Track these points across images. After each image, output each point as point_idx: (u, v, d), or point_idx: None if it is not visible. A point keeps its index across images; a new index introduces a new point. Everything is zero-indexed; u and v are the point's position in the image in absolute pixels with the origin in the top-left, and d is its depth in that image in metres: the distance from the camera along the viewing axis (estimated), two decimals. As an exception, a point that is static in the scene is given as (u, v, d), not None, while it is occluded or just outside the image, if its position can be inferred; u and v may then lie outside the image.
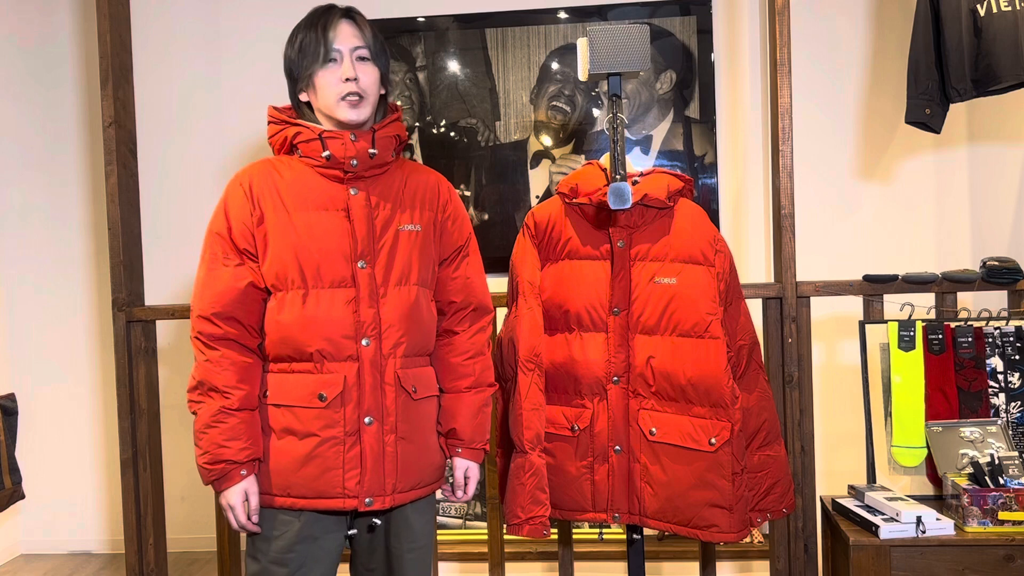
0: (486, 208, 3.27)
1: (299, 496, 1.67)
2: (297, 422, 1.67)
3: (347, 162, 1.70)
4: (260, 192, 1.71)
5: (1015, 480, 2.04)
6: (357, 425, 1.67)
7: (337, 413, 1.66)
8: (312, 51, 1.70)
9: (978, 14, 2.51)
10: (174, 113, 3.40)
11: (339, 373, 1.67)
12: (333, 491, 1.67)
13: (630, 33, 1.86)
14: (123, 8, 2.55)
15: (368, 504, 1.68)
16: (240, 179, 1.74)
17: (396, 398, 1.70)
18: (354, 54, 1.71)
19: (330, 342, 1.67)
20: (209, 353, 1.67)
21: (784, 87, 2.37)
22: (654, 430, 1.93)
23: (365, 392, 1.68)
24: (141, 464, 2.51)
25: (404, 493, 1.72)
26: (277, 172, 1.73)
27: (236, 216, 1.71)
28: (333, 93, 1.70)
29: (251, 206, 1.70)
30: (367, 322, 1.68)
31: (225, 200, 1.73)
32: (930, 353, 2.24)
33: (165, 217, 3.36)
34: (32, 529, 3.56)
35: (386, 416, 1.69)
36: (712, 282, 1.95)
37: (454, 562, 3.19)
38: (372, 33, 1.75)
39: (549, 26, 3.23)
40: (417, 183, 1.80)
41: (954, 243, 3.13)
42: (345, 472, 1.67)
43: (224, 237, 1.70)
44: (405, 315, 1.72)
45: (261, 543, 1.71)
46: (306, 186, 1.72)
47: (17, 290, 3.52)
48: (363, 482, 1.67)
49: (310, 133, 1.71)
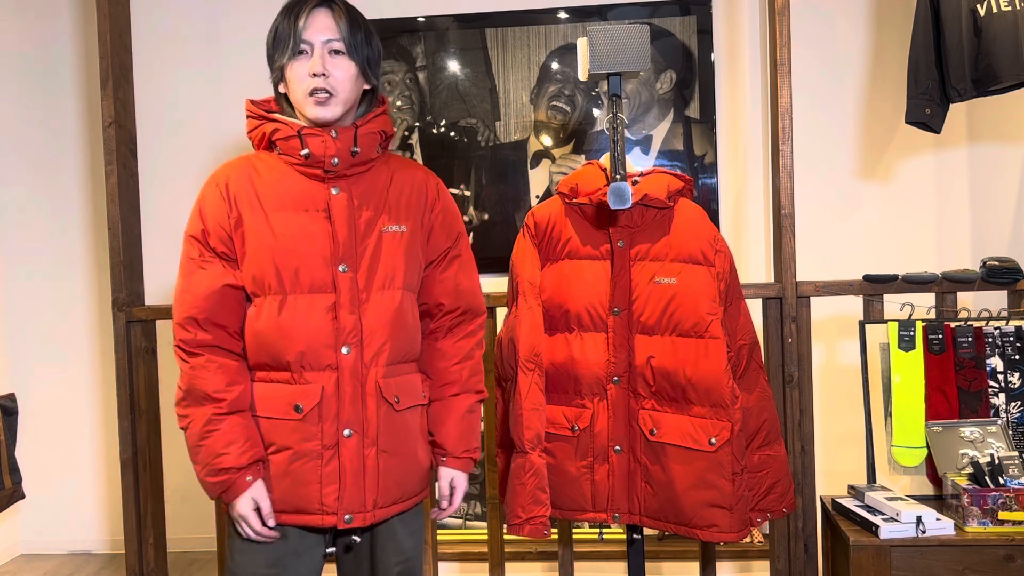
0: (486, 208, 3.26)
1: (280, 510, 1.60)
2: (275, 434, 1.59)
3: (327, 161, 1.60)
4: (237, 192, 1.62)
5: (1015, 480, 2.04)
6: (335, 438, 1.58)
7: (314, 426, 1.58)
8: (283, 41, 1.61)
9: (978, 14, 2.51)
10: (174, 113, 3.40)
11: (317, 383, 1.58)
12: (311, 507, 1.59)
13: (630, 33, 1.86)
14: (123, 8, 2.56)
15: (348, 521, 1.59)
16: (216, 179, 1.66)
17: (377, 409, 1.61)
18: (326, 47, 1.59)
19: (308, 350, 1.58)
20: (192, 360, 1.60)
21: (784, 87, 2.37)
22: (654, 430, 1.93)
23: (344, 403, 1.59)
24: (141, 464, 2.51)
25: (386, 508, 1.64)
26: (255, 170, 1.64)
27: (212, 218, 1.62)
28: (301, 88, 1.60)
29: (227, 207, 1.62)
30: (347, 329, 1.59)
31: (200, 201, 1.65)
32: (930, 353, 2.24)
33: (165, 217, 3.35)
34: (32, 529, 3.56)
35: (367, 428, 1.60)
36: (712, 282, 1.95)
37: (454, 562, 3.19)
38: (351, 24, 1.62)
39: (549, 26, 3.23)
40: (404, 181, 1.70)
41: (954, 243, 3.13)
42: (323, 488, 1.58)
43: (200, 240, 1.63)
44: (389, 321, 1.63)
45: (240, 556, 1.63)
46: (284, 185, 1.62)
47: (17, 290, 3.52)
48: (342, 498, 1.59)
49: (288, 130, 1.61)
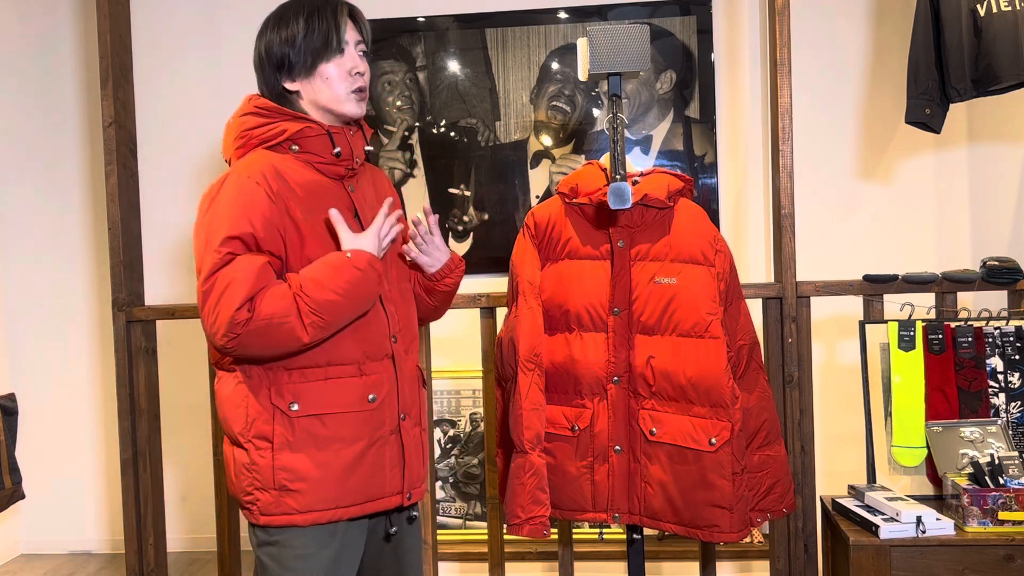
0: (486, 208, 3.26)
1: (348, 504, 1.62)
2: (344, 427, 1.61)
3: (354, 159, 1.68)
4: (280, 190, 1.58)
5: (1015, 480, 2.04)
6: (397, 422, 1.68)
7: (383, 413, 1.66)
8: (321, 39, 1.61)
9: (978, 14, 2.51)
10: (174, 113, 3.40)
11: (380, 373, 1.66)
12: (384, 491, 1.67)
13: (630, 33, 1.86)
14: (123, 8, 2.56)
15: (409, 498, 1.70)
16: (255, 179, 1.57)
17: (418, 391, 1.76)
18: (358, 48, 1.68)
19: (372, 342, 1.65)
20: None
21: (784, 87, 2.37)
22: (654, 430, 1.93)
23: (402, 388, 1.70)
24: (141, 464, 2.51)
25: (424, 483, 1.76)
26: (283, 173, 1.60)
27: (261, 217, 1.55)
28: (344, 86, 1.64)
29: (278, 206, 1.56)
30: (394, 319, 1.70)
31: (237, 200, 1.55)
32: (930, 353, 2.24)
33: (165, 217, 3.36)
34: (32, 529, 3.56)
35: (411, 409, 1.72)
36: (712, 282, 1.95)
37: (454, 562, 3.19)
38: (369, 31, 1.73)
39: (549, 26, 3.23)
40: (378, 179, 1.82)
41: (954, 243, 3.13)
42: (390, 471, 1.67)
43: (244, 241, 1.54)
44: (411, 309, 1.78)
45: (295, 562, 1.60)
46: (315, 187, 1.63)
47: (17, 290, 3.52)
48: (405, 477, 1.69)
49: (319, 128, 1.63)
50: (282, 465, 1.57)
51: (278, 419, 1.58)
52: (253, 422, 1.59)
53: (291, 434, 1.58)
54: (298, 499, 1.57)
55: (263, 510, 1.59)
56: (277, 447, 1.58)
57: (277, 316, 1.50)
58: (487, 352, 2.43)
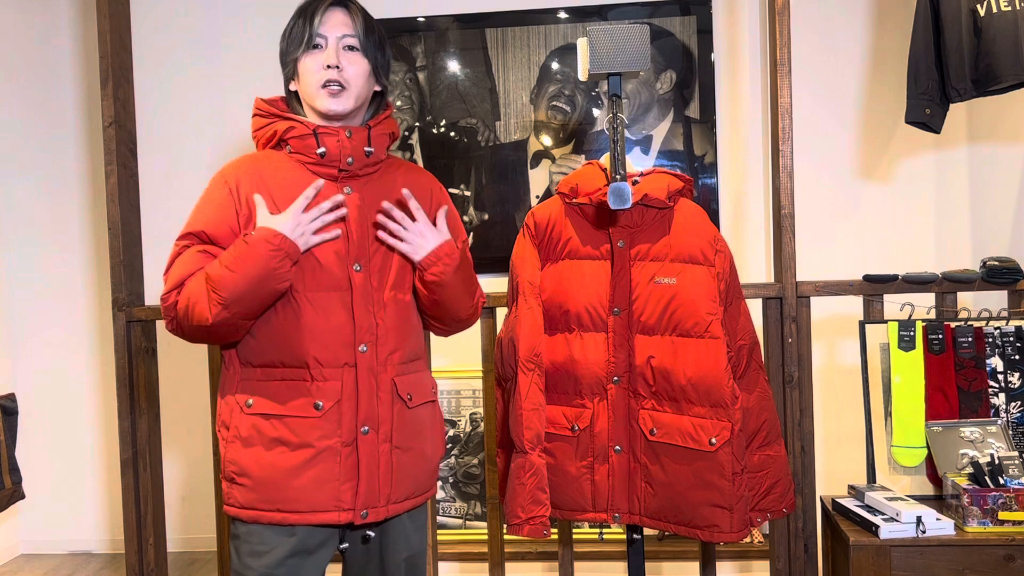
0: (486, 208, 3.26)
1: (291, 511, 1.59)
2: (290, 432, 1.59)
3: (343, 160, 1.63)
4: (248, 191, 1.62)
5: (1015, 480, 2.04)
6: (354, 435, 1.61)
7: (332, 423, 1.59)
8: (297, 36, 1.64)
9: (978, 14, 2.51)
10: (174, 113, 3.40)
11: (335, 381, 1.60)
12: (328, 504, 1.60)
13: (630, 33, 1.86)
14: (123, 8, 2.55)
15: (364, 517, 1.62)
16: (224, 177, 1.65)
17: (392, 406, 1.65)
18: (341, 42, 1.64)
19: (327, 348, 1.59)
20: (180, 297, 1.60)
21: (784, 87, 2.37)
22: (654, 430, 1.93)
23: (362, 400, 1.61)
24: (141, 464, 2.51)
25: (398, 504, 1.67)
26: (264, 169, 1.64)
27: (217, 217, 1.62)
28: (314, 80, 1.62)
29: (237, 205, 1.62)
30: (364, 327, 1.62)
31: (206, 199, 1.64)
32: (930, 353, 2.24)
33: (165, 217, 3.35)
34: (32, 529, 3.56)
35: (381, 425, 1.63)
36: (712, 282, 1.95)
37: (454, 562, 3.19)
38: (366, 25, 1.67)
39: (549, 26, 3.23)
40: (410, 185, 1.71)
41: (954, 243, 3.13)
42: (341, 484, 1.60)
43: (199, 238, 1.61)
44: (402, 320, 1.67)
45: (249, 558, 1.62)
46: (296, 184, 1.62)
47: (17, 290, 3.52)
48: (359, 494, 1.61)
49: (304, 128, 1.63)
50: (231, 459, 1.64)
51: (236, 414, 1.64)
52: (228, 412, 1.66)
53: (244, 430, 1.62)
54: (243, 494, 1.62)
55: (226, 499, 1.66)
56: (230, 440, 1.64)
57: (192, 297, 1.56)
58: (487, 352, 2.43)
